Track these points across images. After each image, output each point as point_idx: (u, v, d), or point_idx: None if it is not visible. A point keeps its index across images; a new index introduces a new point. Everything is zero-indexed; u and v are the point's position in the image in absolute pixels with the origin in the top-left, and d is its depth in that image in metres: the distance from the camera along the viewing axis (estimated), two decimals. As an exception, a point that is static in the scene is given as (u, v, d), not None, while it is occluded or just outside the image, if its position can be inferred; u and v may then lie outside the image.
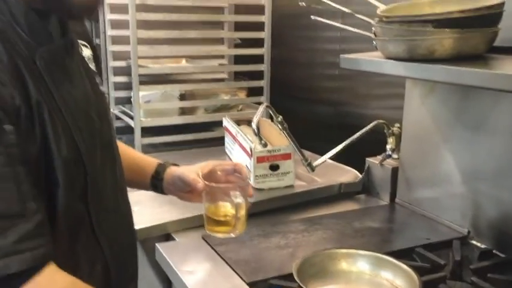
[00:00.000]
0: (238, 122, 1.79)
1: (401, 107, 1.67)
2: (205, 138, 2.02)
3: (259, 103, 2.13)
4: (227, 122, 1.80)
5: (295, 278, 0.94)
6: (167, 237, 1.28)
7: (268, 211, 1.40)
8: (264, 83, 2.09)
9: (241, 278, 1.03)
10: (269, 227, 1.27)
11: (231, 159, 1.76)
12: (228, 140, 1.79)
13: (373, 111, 1.83)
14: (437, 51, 1.03)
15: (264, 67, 2.07)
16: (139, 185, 1.07)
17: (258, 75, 2.10)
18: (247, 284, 1.01)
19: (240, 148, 1.60)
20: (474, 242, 1.23)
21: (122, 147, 1.03)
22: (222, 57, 2.23)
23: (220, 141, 2.00)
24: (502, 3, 1.03)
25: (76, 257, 0.79)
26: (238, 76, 2.28)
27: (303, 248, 1.16)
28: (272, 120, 1.53)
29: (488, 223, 1.21)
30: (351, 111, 1.95)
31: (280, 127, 1.41)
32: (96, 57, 0.94)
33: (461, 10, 1.03)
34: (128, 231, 0.94)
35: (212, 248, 1.17)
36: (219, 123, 2.10)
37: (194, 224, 1.30)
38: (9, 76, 0.69)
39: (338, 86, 2.04)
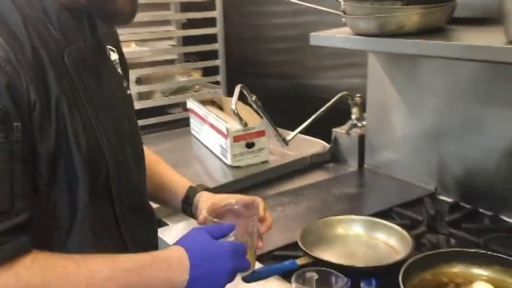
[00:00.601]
0: (203, 103, 1.82)
1: (351, 75, 1.77)
2: (166, 121, 2.03)
3: (216, 82, 2.16)
4: (192, 104, 1.82)
5: (300, 245, 1.01)
6: (158, 223, 1.30)
7: (248, 187, 1.46)
8: (220, 62, 2.11)
9: (245, 253, 1.09)
10: (256, 203, 1.33)
11: (199, 140, 1.78)
12: (194, 121, 1.82)
13: (326, 81, 1.92)
14: (406, 26, 1.12)
15: (218, 46, 2.09)
16: (167, 204, 1.06)
17: (209, 54, 2.12)
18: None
19: (211, 129, 1.63)
20: (442, 197, 1.36)
21: (154, 162, 1.03)
22: (170, 38, 2.21)
23: (181, 123, 2.02)
24: (460, -21, 1.13)
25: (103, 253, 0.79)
26: (187, 56, 2.28)
27: (294, 219, 1.24)
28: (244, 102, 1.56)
29: (453, 179, 1.34)
30: (306, 83, 2.03)
31: (255, 106, 1.46)
32: (123, 62, 0.93)
33: (426, -13, 1.12)
34: (151, 230, 0.94)
35: (208, 228, 1.21)
36: (176, 106, 2.12)
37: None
38: (29, 69, 0.69)
39: (291, 59, 2.10)
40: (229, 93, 2.16)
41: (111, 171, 0.80)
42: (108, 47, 0.86)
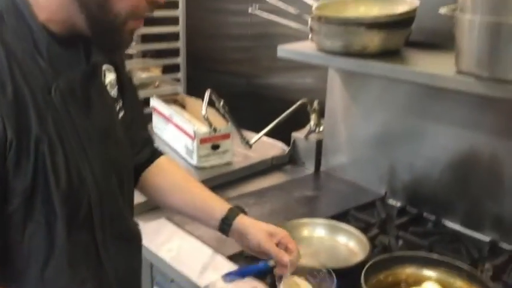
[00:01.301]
0: (166, 101, 1.86)
1: (306, 76, 1.88)
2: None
3: (177, 79, 2.21)
4: (156, 102, 1.86)
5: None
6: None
7: (213, 188, 1.52)
8: (181, 59, 2.16)
9: (218, 252, 1.18)
10: (223, 204, 1.42)
11: (161, 138, 1.83)
12: (157, 119, 1.86)
13: (282, 80, 2.02)
14: (369, 47, 1.24)
15: (180, 44, 2.14)
16: (200, 222, 1.07)
17: (168, 50, 2.15)
18: (227, 257, 1.16)
19: (177, 129, 1.69)
20: (391, 201, 1.50)
21: (185, 179, 1.07)
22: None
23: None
24: (416, 8, 1.25)
25: (81, 282, 0.81)
26: (143, 52, 2.29)
27: (260, 220, 1.33)
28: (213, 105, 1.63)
29: (401, 184, 1.48)
30: (262, 82, 2.12)
31: (222, 111, 1.53)
32: (122, 79, 0.93)
33: (388, 15, 1.24)
34: (135, 256, 0.94)
35: (180, 227, 1.29)
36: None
37: (150, 206, 1.39)
38: (8, 108, 0.70)
39: (248, 58, 2.17)
40: (188, 89, 2.22)
41: (93, 202, 0.80)
42: (105, 66, 0.87)
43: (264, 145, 1.75)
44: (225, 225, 1.01)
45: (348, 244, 1.19)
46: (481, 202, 1.30)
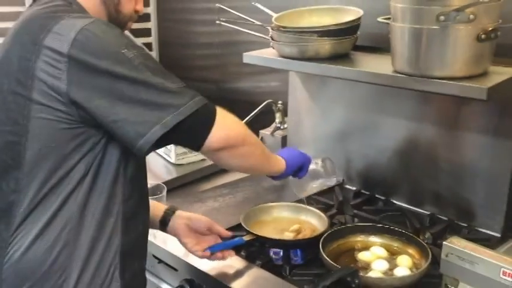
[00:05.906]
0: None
1: (270, 80, 2.07)
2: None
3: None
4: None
5: (244, 226, 1.29)
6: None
7: (190, 182, 1.71)
8: (154, 68, 2.32)
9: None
10: (200, 194, 1.60)
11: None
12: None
13: (248, 85, 2.20)
14: (321, 53, 1.43)
15: (153, 54, 2.30)
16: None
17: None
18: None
19: (155, 131, 1.85)
20: (348, 186, 1.70)
21: None
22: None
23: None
24: (360, 17, 1.46)
25: None
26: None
27: (234, 207, 1.51)
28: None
29: (356, 171, 1.69)
30: (229, 87, 2.29)
31: (196, 112, 1.71)
32: None
33: (336, 24, 1.44)
34: None
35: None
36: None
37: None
38: None
39: (216, 64, 2.34)
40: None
41: None
42: None
43: (234, 143, 1.92)
44: (166, 221, 1.21)
45: (310, 221, 1.38)
46: (421, 182, 1.51)
